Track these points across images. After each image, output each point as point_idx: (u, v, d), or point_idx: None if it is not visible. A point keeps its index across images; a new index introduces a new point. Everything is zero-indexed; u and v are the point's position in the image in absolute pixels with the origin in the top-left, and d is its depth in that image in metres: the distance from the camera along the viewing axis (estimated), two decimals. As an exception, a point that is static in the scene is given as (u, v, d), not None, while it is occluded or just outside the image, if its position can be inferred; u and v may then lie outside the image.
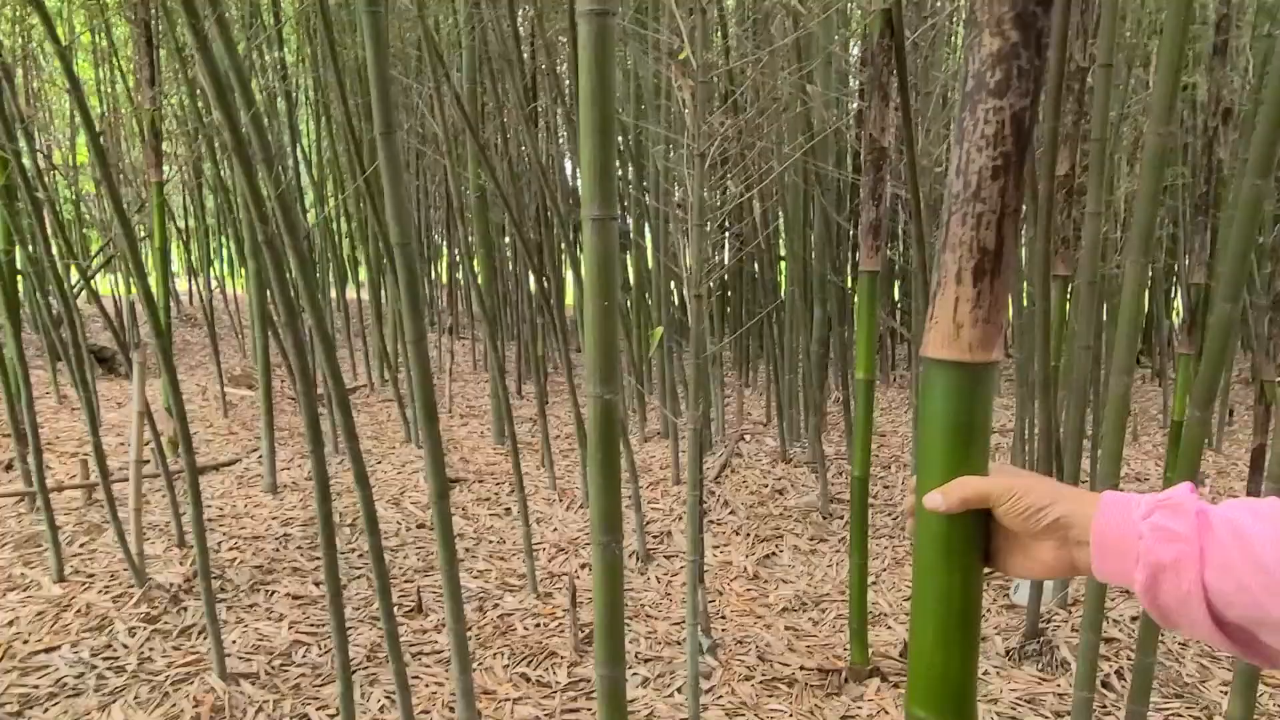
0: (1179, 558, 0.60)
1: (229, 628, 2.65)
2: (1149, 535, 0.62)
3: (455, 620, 2.02)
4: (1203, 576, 0.60)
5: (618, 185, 5.23)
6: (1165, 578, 0.61)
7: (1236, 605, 0.59)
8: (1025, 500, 0.67)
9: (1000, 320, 0.67)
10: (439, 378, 6.30)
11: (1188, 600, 0.60)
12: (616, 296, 1.31)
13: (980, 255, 0.66)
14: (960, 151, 0.66)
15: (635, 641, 2.70)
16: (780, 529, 3.60)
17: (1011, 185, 0.65)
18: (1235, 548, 0.59)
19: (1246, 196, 1.81)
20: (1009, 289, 0.68)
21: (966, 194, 0.66)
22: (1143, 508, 0.63)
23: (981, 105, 0.64)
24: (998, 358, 0.68)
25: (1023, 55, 0.63)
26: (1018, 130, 0.64)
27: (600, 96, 1.22)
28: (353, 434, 1.93)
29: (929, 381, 0.70)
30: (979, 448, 0.69)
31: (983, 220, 0.65)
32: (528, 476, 4.13)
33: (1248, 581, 0.58)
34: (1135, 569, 0.62)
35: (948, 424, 0.69)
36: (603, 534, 1.35)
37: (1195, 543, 0.60)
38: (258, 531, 3.38)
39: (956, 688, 0.70)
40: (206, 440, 4.50)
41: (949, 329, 0.67)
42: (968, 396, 0.68)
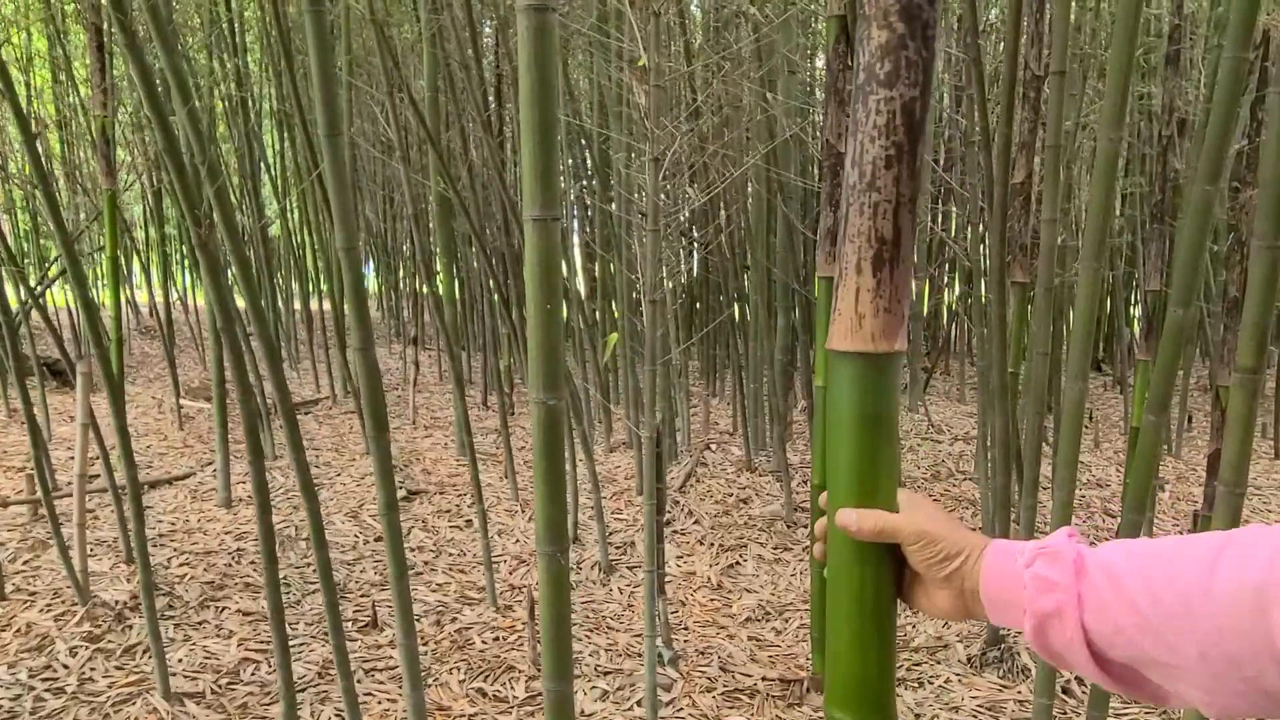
0: (1059, 606, 0.61)
1: (176, 645, 2.57)
2: (1031, 585, 0.63)
3: (406, 635, 1.97)
4: (1082, 621, 0.61)
5: (566, 190, 5.21)
6: (1050, 625, 0.62)
7: (1116, 646, 0.60)
8: (932, 549, 0.67)
9: (902, 310, 0.67)
10: (403, 389, 6.22)
11: (1071, 645, 0.61)
12: (560, 299, 1.28)
13: (879, 245, 0.65)
14: (854, 143, 0.66)
15: (596, 654, 2.66)
16: (745, 538, 3.57)
17: (905, 174, 0.65)
18: (1109, 590, 0.60)
19: (1197, 202, 1.82)
20: (909, 278, 0.67)
21: (862, 185, 0.66)
22: (1025, 555, 0.64)
23: (872, 96, 0.64)
24: (901, 348, 0.68)
25: (910, 46, 0.63)
26: (909, 120, 0.64)
27: (540, 94, 1.19)
28: (298, 444, 1.88)
29: (834, 374, 0.69)
30: (887, 438, 0.69)
31: (879, 210, 0.65)
32: (490, 488, 4.08)
33: (1123, 622, 0.59)
34: (1024, 619, 0.63)
35: (855, 416, 0.68)
36: (548, 544, 1.32)
37: (1073, 589, 0.61)
38: (210, 546, 3.29)
39: (874, 688, 0.69)
40: (160, 454, 4.39)
41: (851, 320, 0.67)
42: (873, 387, 0.68)
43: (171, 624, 2.70)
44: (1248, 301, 1.40)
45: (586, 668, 2.57)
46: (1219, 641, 0.54)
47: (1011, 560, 0.65)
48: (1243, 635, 0.53)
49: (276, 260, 7.78)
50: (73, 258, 2.07)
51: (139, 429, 4.87)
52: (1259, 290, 1.39)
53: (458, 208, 3.41)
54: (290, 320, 7.59)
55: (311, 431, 5.12)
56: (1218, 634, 0.54)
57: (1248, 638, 0.52)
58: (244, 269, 1.66)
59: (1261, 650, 0.52)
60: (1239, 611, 0.53)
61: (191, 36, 5.52)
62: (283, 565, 3.19)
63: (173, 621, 2.71)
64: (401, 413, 5.65)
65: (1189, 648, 0.55)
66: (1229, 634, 0.53)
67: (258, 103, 7.60)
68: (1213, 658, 0.54)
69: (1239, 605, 0.53)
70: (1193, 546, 0.58)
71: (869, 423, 0.68)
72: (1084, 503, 4.12)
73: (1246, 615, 0.52)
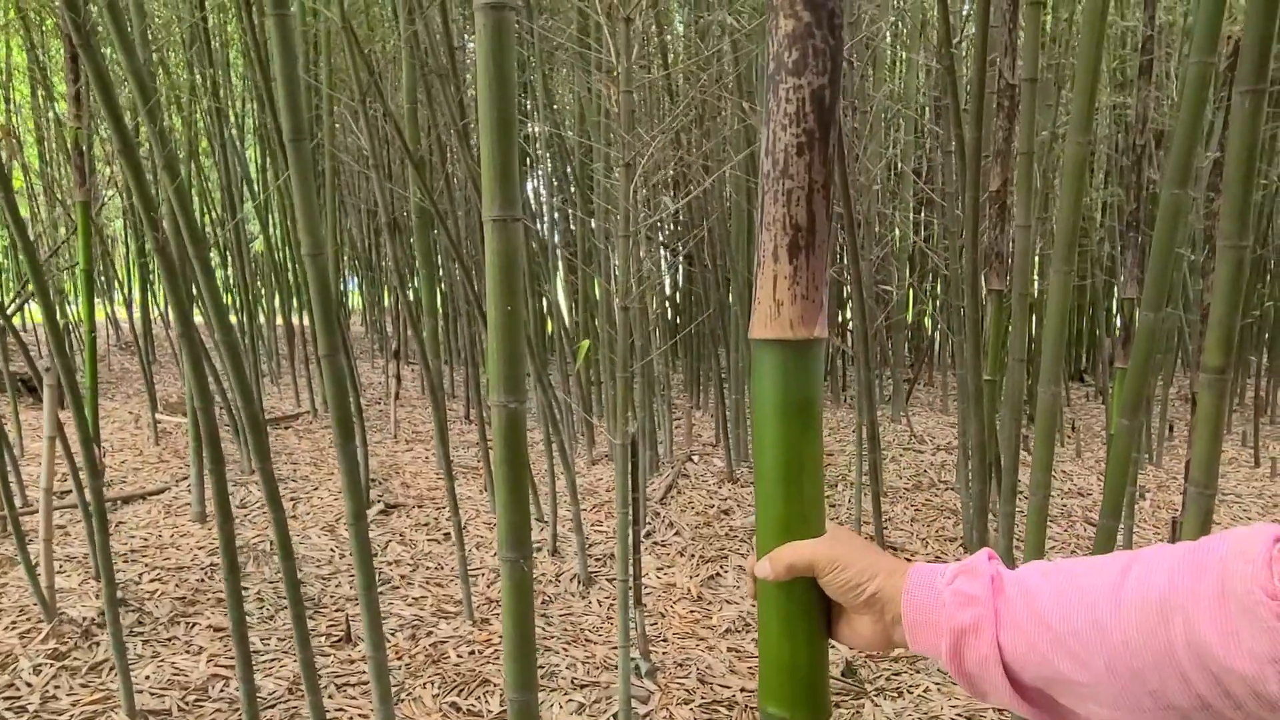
0: (976, 621, 0.61)
1: (144, 662, 2.52)
2: (950, 602, 0.62)
3: (375, 649, 1.93)
4: (998, 637, 0.60)
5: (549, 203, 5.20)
6: (966, 641, 0.61)
7: (1030, 665, 0.59)
8: (845, 574, 0.66)
9: (820, 297, 0.67)
10: (385, 403, 6.18)
11: (986, 664, 0.61)
12: (521, 300, 1.26)
13: (794, 232, 0.65)
14: (767, 131, 0.66)
15: (573, 667, 2.62)
16: (725, 549, 3.55)
17: (817, 161, 0.65)
18: (1023, 606, 0.60)
19: (1166, 205, 1.83)
20: (826, 265, 0.67)
21: (775, 172, 0.66)
22: (946, 575, 0.64)
23: (782, 85, 0.65)
24: (820, 335, 0.67)
25: (816, 34, 0.64)
26: (818, 107, 0.64)
27: (499, 91, 1.18)
28: (265, 454, 1.85)
29: (757, 364, 0.69)
30: (810, 425, 0.68)
31: (793, 197, 0.65)
32: (470, 501, 4.04)
33: (1036, 639, 0.58)
34: (941, 637, 0.63)
35: (778, 403, 0.68)
36: (510, 550, 1.30)
37: (990, 604, 0.61)
38: (182, 562, 3.24)
39: (805, 680, 0.69)
40: (135, 469, 4.34)
41: (770, 308, 0.67)
42: (795, 374, 0.67)
43: (140, 640, 2.65)
44: (1214, 301, 1.40)
45: (563, 680, 2.54)
46: (1125, 654, 0.54)
47: (932, 581, 0.64)
48: (1146, 648, 0.53)
49: (258, 274, 7.75)
50: (36, 269, 2.04)
51: (114, 444, 4.81)
52: (1225, 289, 1.39)
53: (435, 219, 3.40)
54: (272, 335, 7.54)
55: (291, 446, 5.07)
56: (1124, 646, 0.54)
57: (1150, 650, 0.53)
58: (207, 274, 1.63)
59: (1164, 661, 0.53)
60: (1144, 624, 0.53)
61: (174, 52, 5.51)
62: (255, 580, 3.14)
63: (141, 638, 2.66)
64: (383, 426, 5.61)
65: (1097, 662, 0.55)
66: (1134, 646, 0.54)
67: (240, 118, 7.58)
68: (1119, 671, 0.54)
69: (1144, 618, 0.54)
70: (1103, 564, 0.58)
71: (792, 410, 0.68)
72: (1065, 511, 4.12)
73: (1149, 628, 0.53)
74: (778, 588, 0.68)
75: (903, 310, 6.55)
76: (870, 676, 2.57)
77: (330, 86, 4.93)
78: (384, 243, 7.75)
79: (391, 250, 3.24)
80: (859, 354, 3.17)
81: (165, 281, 1.54)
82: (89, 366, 3.81)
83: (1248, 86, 1.34)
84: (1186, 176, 1.79)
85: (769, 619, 0.69)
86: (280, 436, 5.27)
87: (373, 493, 4.07)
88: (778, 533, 0.68)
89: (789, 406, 0.67)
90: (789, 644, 0.68)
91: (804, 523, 0.68)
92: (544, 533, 3.58)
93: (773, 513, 0.68)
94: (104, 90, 1.39)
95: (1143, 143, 3.30)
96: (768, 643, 0.69)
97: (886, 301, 6.00)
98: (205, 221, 7.26)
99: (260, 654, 2.62)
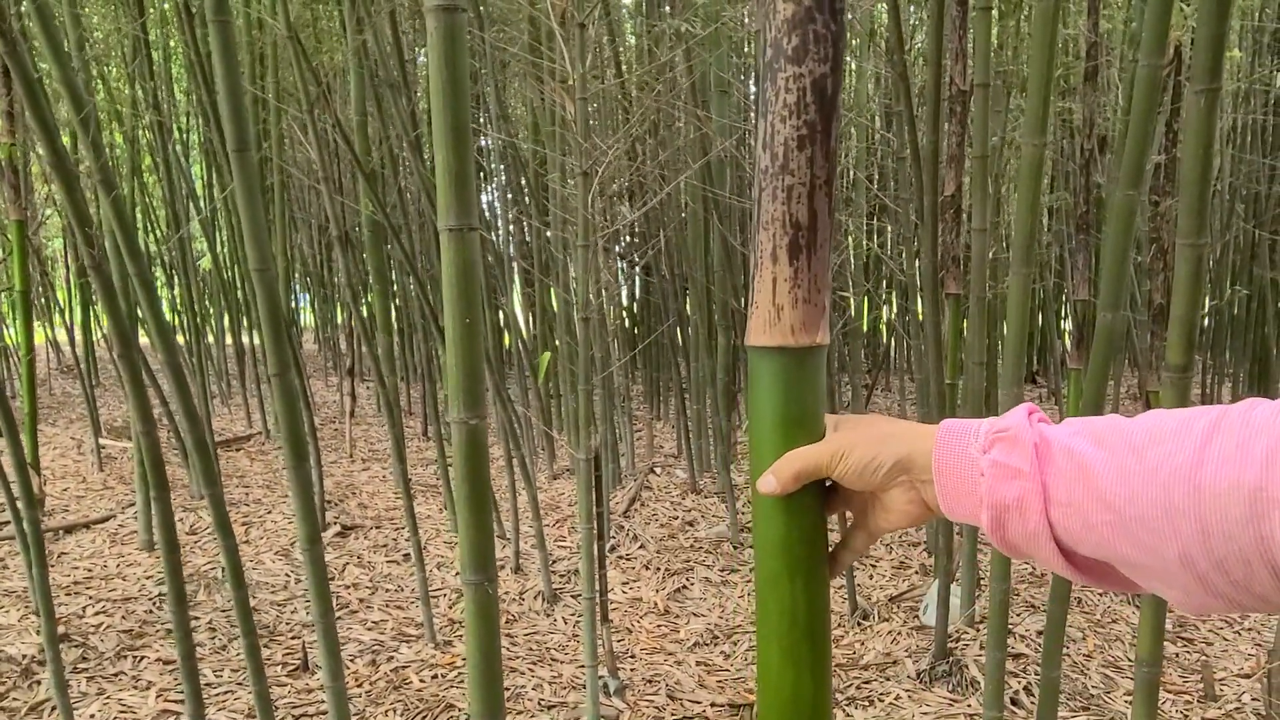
0: (1021, 496, 0.55)
1: (88, 700, 2.41)
2: (989, 473, 0.56)
3: (334, 677, 1.86)
4: (1047, 514, 0.55)
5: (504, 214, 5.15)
6: (1010, 518, 0.56)
7: (1085, 544, 0.54)
8: (852, 457, 0.61)
9: (823, 301, 0.63)
10: (339, 422, 6.05)
11: (1035, 539, 0.56)
12: (480, 313, 1.22)
13: (794, 231, 0.61)
14: (765, 124, 0.62)
15: (539, 687, 2.56)
16: (691, 561, 3.51)
17: (820, 155, 0.61)
18: (1078, 483, 0.53)
19: (1119, 206, 1.84)
20: (828, 266, 0.63)
21: (774, 168, 0.62)
22: (981, 439, 0.58)
23: (781, 74, 0.61)
24: (824, 341, 0.63)
25: (818, 19, 0.60)
26: (820, 97, 0.60)
27: (452, 97, 1.14)
28: (213, 478, 1.77)
29: (755, 373, 0.64)
30: (812, 438, 0.64)
31: (793, 194, 0.61)
32: (430, 519, 3.96)
33: (1094, 519, 0.53)
34: (980, 510, 0.57)
35: (778, 417, 0.63)
36: (473, 573, 1.24)
37: (1037, 478, 0.55)
38: (129, 593, 3.11)
39: (809, 709, 0.64)
40: (78, 496, 4.17)
41: (769, 313, 0.62)
42: (796, 384, 0.63)
43: (85, 677, 2.53)
44: (1175, 299, 1.40)
45: (529, 702, 2.48)
46: (1204, 543, 0.48)
47: (965, 443, 0.58)
48: (1232, 539, 0.47)
49: (206, 293, 7.55)
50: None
51: (56, 471, 4.64)
52: (1185, 287, 1.39)
53: (389, 233, 3.33)
54: (222, 354, 7.35)
55: (244, 468, 4.93)
56: (1203, 535, 0.48)
57: (1237, 541, 0.47)
58: (148, 292, 1.56)
59: (1253, 556, 0.46)
60: (1230, 513, 0.47)
61: (115, 67, 5.35)
62: (207, 608, 3.03)
63: (86, 675, 2.55)
64: (339, 446, 5.49)
65: (1168, 550, 0.49)
66: (1216, 536, 0.47)
67: (184, 133, 7.40)
68: (1195, 559, 0.48)
69: (1230, 507, 0.47)
70: (1175, 430, 0.51)
71: (793, 424, 0.63)
72: (1025, 512, 4.16)
73: (1237, 519, 0.46)
74: (780, 581, 0.63)
75: (859, 317, 6.60)
76: (841, 686, 2.55)
77: (278, 99, 4.83)
78: (336, 258, 7.62)
79: (344, 265, 3.16)
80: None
81: (102, 300, 1.46)
82: (27, 391, 3.65)
83: (1202, 86, 1.35)
84: (1139, 178, 1.81)
85: (770, 645, 0.64)
86: (232, 459, 5.13)
87: (329, 514, 3.96)
88: (783, 562, 0.64)
89: (789, 419, 0.63)
90: (792, 674, 0.63)
91: (808, 550, 0.64)
92: (506, 550, 3.51)
93: (773, 537, 0.64)
94: (32, 100, 1.32)
95: (1090, 147, 3.35)
96: (768, 672, 0.64)
97: (843, 308, 6.03)
98: (150, 240, 7.07)
99: (213, 686, 2.52)
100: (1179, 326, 1.40)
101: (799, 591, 0.63)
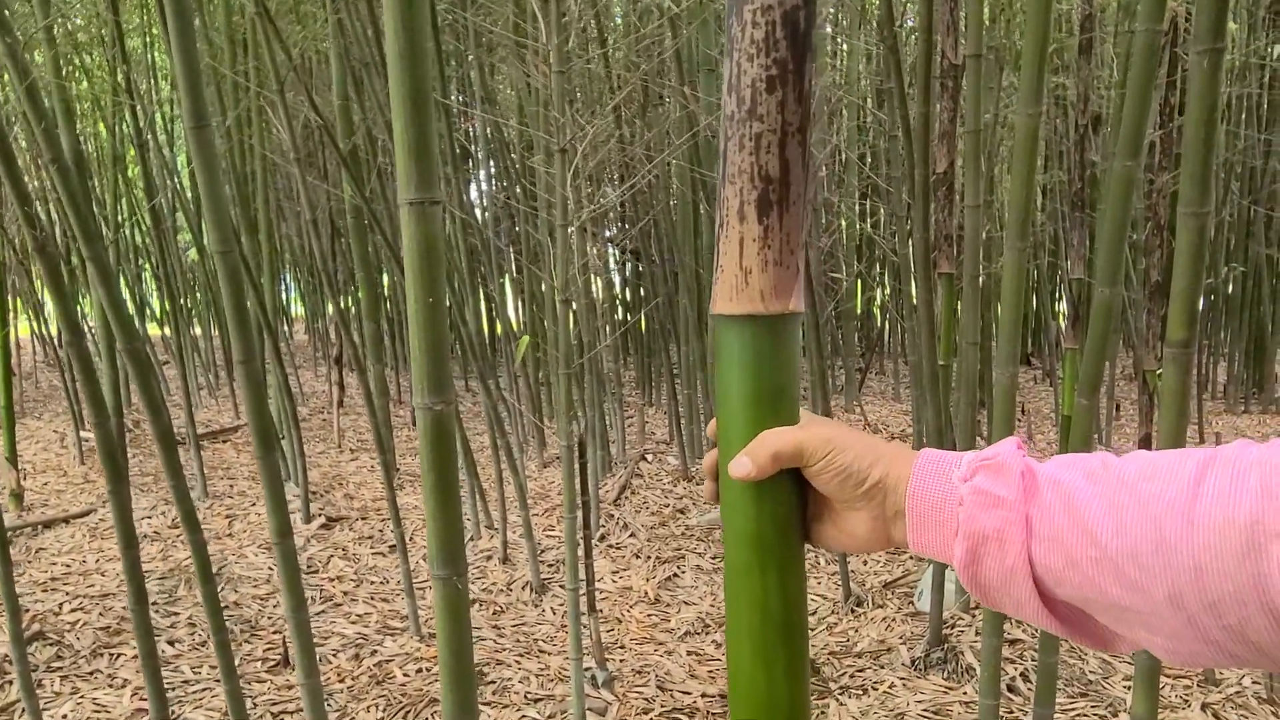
0: (1002, 528, 0.50)
1: (61, 700, 2.35)
2: (969, 501, 0.51)
3: (308, 675, 1.80)
4: (1029, 548, 0.50)
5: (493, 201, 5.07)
6: (987, 550, 0.51)
7: (1066, 583, 0.49)
8: (843, 459, 0.55)
9: (795, 263, 0.56)
10: (328, 412, 5.98)
11: (1012, 577, 0.51)
12: (443, 291, 1.15)
13: (764, 185, 0.54)
14: (730, 64, 0.55)
15: (526, 680, 2.51)
16: (682, 549, 3.46)
17: (792, 99, 0.54)
18: (1064, 515, 0.49)
19: (1118, 177, 1.77)
20: (802, 225, 0.56)
21: (741, 113, 0.54)
22: (963, 468, 0.53)
23: (748, 5, 0.54)
24: (797, 308, 0.56)
25: None
26: (792, 32, 0.53)
27: (410, 61, 1.07)
28: (176, 470, 1.70)
29: (721, 345, 0.57)
30: (786, 417, 0.57)
31: (762, 142, 0.54)
32: (416, 510, 3.89)
33: (1078, 555, 0.48)
34: (954, 541, 0.52)
35: (749, 393, 0.57)
36: (441, 567, 1.18)
37: (1020, 509, 0.50)
38: (107, 589, 3.05)
39: (784, 710, 0.57)
40: (59, 490, 4.10)
41: (736, 277, 0.55)
42: (768, 356, 0.56)
43: (58, 676, 2.47)
44: (1176, 271, 1.34)
45: (516, 696, 2.42)
46: (1197, 583, 0.44)
47: (946, 472, 0.53)
48: (1226, 576, 0.43)
49: (194, 284, 7.46)
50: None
51: (37, 465, 4.56)
52: (1187, 258, 1.33)
53: (369, 218, 3.25)
54: (209, 346, 7.27)
55: (229, 460, 4.87)
56: (1196, 572, 0.44)
57: (1232, 580, 0.43)
58: (104, 275, 1.49)
59: (1248, 594, 0.43)
60: (1225, 548, 0.43)
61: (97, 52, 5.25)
62: (188, 604, 2.97)
63: (59, 673, 2.48)
64: (327, 436, 5.42)
65: (1158, 589, 0.45)
66: (1210, 573, 0.44)
67: (169, 121, 7.28)
68: (1187, 601, 0.45)
69: (1226, 542, 0.43)
70: (1169, 467, 0.47)
71: (764, 400, 0.56)
72: (1020, 495, 4.11)
73: (1233, 553, 0.43)
74: (750, 570, 0.57)
75: (852, 299, 6.54)
76: (834, 674, 2.50)
77: (259, 84, 4.74)
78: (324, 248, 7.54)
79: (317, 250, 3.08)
80: (810, 344, 3.10)
81: (48, 284, 1.39)
82: (3, 384, 3.58)
83: (1205, 46, 1.28)
84: (1138, 148, 1.75)
85: (740, 641, 0.58)
86: (218, 450, 5.06)
87: (314, 506, 3.90)
88: (753, 551, 0.57)
89: (760, 395, 0.56)
90: (764, 672, 0.57)
91: (781, 537, 0.57)
92: (494, 540, 3.46)
93: (742, 526, 0.57)
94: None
95: (1084, 123, 3.28)
96: (739, 670, 0.58)
97: (836, 291, 5.97)
98: (137, 233, 6.96)
99: (191, 684, 2.46)
100: (1180, 300, 1.33)
101: (771, 584, 0.57)
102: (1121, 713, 2.25)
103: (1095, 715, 2.25)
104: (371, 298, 4.63)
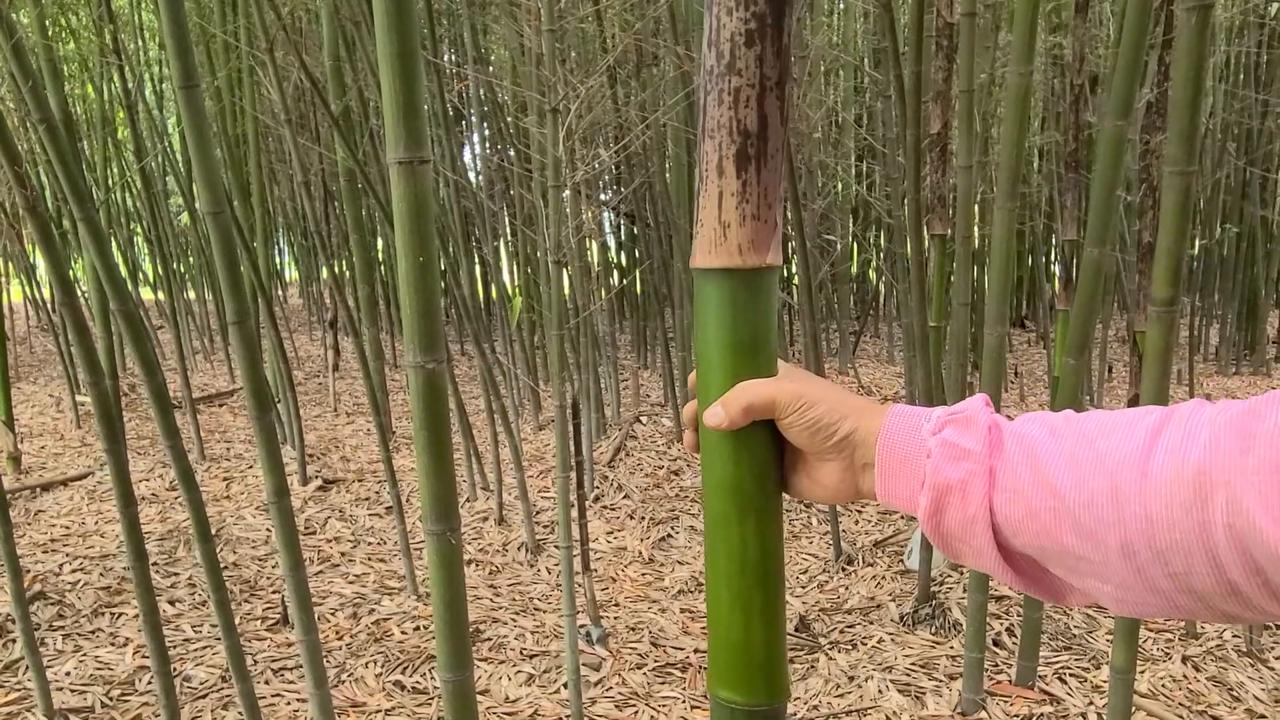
0: (966, 479, 0.53)
1: (65, 658, 2.39)
2: (937, 452, 0.54)
3: (306, 631, 1.83)
4: (990, 499, 0.52)
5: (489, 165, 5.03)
6: (950, 500, 0.53)
7: (1025, 534, 0.52)
8: (813, 412, 0.57)
9: (773, 217, 0.57)
10: (324, 375, 5.99)
11: (972, 525, 0.53)
12: (434, 250, 1.16)
13: (743, 139, 0.55)
14: (710, 18, 0.55)
15: (521, 637, 2.55)
16: (676, 510, 3.50)
17: (770, 53, 0.54)
18: (1027, 469, 0.51)
19: (1108, 137, 1.78)
20: (780, 179, 0.57)
21: (720, 67, 0.55)
22: (932, 423, 0.55)
23: None
24: (774, 261, 0.57)
25: None
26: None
27: (397, 18, 1.06)
28: (173, 431, 1.72)
29: (700, 298, 0.59)
30: (763, 369, 0.59)
31: (741, 96, 0.55)
32: (412, 472, 3.92)
33: (1037, 505, 0.50)
34: (920, 492, 0.54)
35: (726, 345, 0.58)
36: (434, 523, 1.20)
37: (985, 461, 0.52)
38: (107, 549, 3.08)
39: (760, 659, 0.60)
40: (56, 454, 4.13)
41: (715, 231, 0.57)
42: (746, 309, 0.57)
43: (60, 635, 2.51)
44: (1161, 230, 1.35)
45: (512, 652, 2.47)
46: (1147, 532, 0.46)
47: (915, 426, 0.55)
48: (1174, 526, 0.45)
49: (188, 248, 7.43)
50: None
51: (34, 429, 4.58)
52: (1171, 218, 1.34)
53: (362, 181, 3.23)
54: (204, 310, 7.26)
55: (226, 423, 4.89)
56: (1147, 523, 0.46)
57: (1180, 529, 0.45)
58: (94, 234, 1.49)
59: (1194, 543, 0.45)
60: (1175, 499, 0.45)
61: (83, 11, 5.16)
62: (187, 564, 3.01)
63: (62, 632, 2.52)
64: (323, 400, 5.44)
65: (1111, 538, 0.48)
66: (1160, 524, 0.46)
67: (158, 83, 7.20)
68: (1137, 549, 0.47)
69: (1176, 492, 0.45)
70: (1127, 424, 0.50)
71: (742, 351, 0.58)
72: (1011, 456, 4.15)
73: (1181, 504, 0.45)
74: (730, 521, 0.58)
75: (847, 261, 6.53)
76: (824, 630, 2.55)
77: (249, 44, 4.68)
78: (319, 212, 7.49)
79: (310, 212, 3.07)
80: (804, 306, 3.11)
81: (39, 244, 1.39)
82: (-3, 348, 3.58)
83: (1193, 2, 1.28)
84: (1129, 108, 1.75)
85: (719, 589, 0.60)
86: (215, 414, 5.08)
87: (311, 469, 3.93)
88: (731, 501, 0.59)
89: (738, 346, 0.58)
90: (741, 618, 0.59)
91: (758, 486, 0.59)
92: (490, 502, 3.49)
93: (720, 475, 0.59)
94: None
95: (1080, 82, 3.27)
96: (717, 617, 0.60)
97: (830, 253, 5.96)
98: (128, 196, 6.91)
99: (192, 642, 2.50)
100: (1165, 259, 1.35)
101: (749, 533, 0.59)
102: (1104, 665, 2.30)
103: (1078, 668, 2.31)
104: (365, 261, 4.63)
